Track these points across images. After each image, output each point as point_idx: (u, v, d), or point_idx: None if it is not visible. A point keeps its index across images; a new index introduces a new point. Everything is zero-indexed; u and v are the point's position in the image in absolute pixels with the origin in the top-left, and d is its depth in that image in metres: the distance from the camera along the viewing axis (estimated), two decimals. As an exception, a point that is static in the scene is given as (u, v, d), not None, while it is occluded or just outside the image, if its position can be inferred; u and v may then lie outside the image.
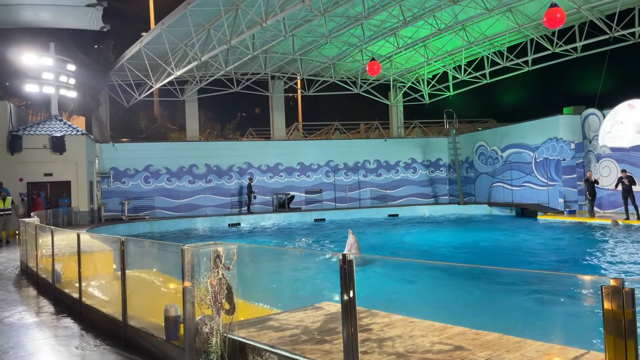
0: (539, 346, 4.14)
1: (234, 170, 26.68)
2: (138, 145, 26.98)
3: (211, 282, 4.62)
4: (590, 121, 21.59)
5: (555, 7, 14.76)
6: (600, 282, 2.55)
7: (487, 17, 22.43)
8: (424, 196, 28.87)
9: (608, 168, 20.57)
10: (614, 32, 20.89)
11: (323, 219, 24.93)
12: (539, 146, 23.30)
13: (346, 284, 3.64)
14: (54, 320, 7.24)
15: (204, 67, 26.59)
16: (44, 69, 21.55)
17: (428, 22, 22.90)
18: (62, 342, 6.10)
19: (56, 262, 8.69)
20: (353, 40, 24.96)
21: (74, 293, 7.76)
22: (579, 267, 11.28)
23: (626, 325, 2.48)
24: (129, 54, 24.83)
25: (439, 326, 4.90)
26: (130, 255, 6.29)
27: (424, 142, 29.63)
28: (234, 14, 19.64)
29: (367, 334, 4.61)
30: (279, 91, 30.94)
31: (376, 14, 21.07)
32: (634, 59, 27.42)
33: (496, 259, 13.35)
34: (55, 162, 20.82)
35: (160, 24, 21.69)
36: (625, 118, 19.97)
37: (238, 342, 4.62)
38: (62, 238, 9.50)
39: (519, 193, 24.51)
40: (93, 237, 10.07)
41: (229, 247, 4.73)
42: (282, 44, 25.12)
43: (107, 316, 6.56)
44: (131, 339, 5.80)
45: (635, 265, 11.12)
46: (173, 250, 5.70)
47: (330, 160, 28.05)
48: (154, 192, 25.51)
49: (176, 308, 5.06)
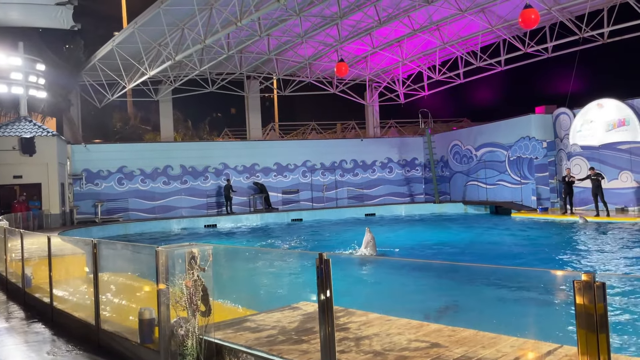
0: (514, 341, 4.19)
1: (209, 171, 26.45)
2: (111, 147, 26.54)
3: (186, 283, 4.56)
4: (562, 120, 22.05)
5: (530, 8, 15.09)
6: (572, 277, 2.58)
7: (460, 18, 22.70)
8: (400, 195, 29.08)
9: (579, 166, 21.03)
10: (584, 33, 21.37)
11: (300, 219, 24.90)
12: (512, 145, 23.69)
13: (323, 283, 3.63)
14: (24, 325, 7.06)
15: (178, 67, 26.28)
16: (13, 68, 21.03)
17: (403, 22, 23.07)
18: (33, 347, 5.95)
19: (26, 266, 8.49)
20: (328, 40, 24.99)
21: (45, 297, 7.59)
22: (551, 262, 11.50)
23: (598, 319, 2.52)
24: (101, 54, 24.39)
25: (416, 324, 4.93)
26: (103, 258, 6.17)
27: (400, 141, 29.85)
28: (209, 13, 19.46)
29: (344, 333, 4.61)
30: (255, 91, 30.79)
31: (351, 14, 21.13)
32: (603, 59, 28.13)
33: (471, 256, 13.52)
34: (25, 164, 20.32)
35: (133, 23, 21.37)
36: (595, 117, 20.44)
37: (214, 344, 4.57)
38: (32, 242, 9.28)
39: (493, 191, 24.88)
40: (64, 240, 9.85)
41: (204, 248, 4.68)
42: (257, 44, 25.00)
43: (79, 320, 6.42)
44: (105, 343, 5.69)
45: (604, 261, 11.39)
46: (147, 252, 5.61)
47: (307, 160, 28.03)
48: (128, 194, 25.12)
49: (151, 311, 4.99)
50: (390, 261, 11.97)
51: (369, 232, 12.86)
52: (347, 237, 17.68)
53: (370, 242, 12.60)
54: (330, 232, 19.90)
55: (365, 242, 12.65)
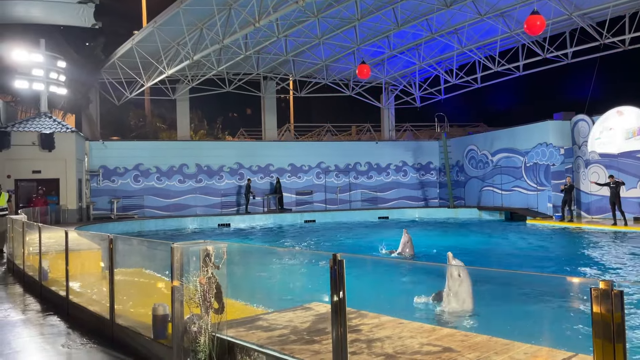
0: (527, 348, 4.15)
1: (224, 171, 26.58)
2: (128, 144, 26.79)
3: (200, 281, 4.59)
4: (580, 127, 21.78)
5: (536, 14, 15.12)
6: (590, 284, 2.55)
7: (479, 22, 22.56)
8: (414, 199, 28.95)
9: (597, 174, 20.75)
10: (604, 39, 21.10)
11: (313, 220, 24.90)
12: (529, 151, 23.46)
13: (336, 284, 3.63)
14: (40, 318, 7.16)
15: (196, 67, 26.49)
16: (34, 65, 21.33)
17: (421, 25, 22.99)
18: (48, 340, 6.03)
19: (43, 260, 8.61)
20: (346, 42, 25.00)
21: (60, 291, 7.69)
22: (567, 270, 11.35)
23: (615, 328, 2.48)
24: (121, 52, 24.68)
25: (428, 327, 4.91)
26: (118, 254, 6.24)
27: (415, 145, 29.72)
28: (227, 14, 19.59)
29: (356, 335, 4.61)
30: (271, 92, 30.89)
31: (369, 16, 21.11)
32: (624, 66, 27.73)
33: (485, 261, 13.40)
34: (43, 160, 20.60)
35: (152, 22, 21.59)
36: (614, 124, 20.16)
37: (226, 342, 4.59)
38: (49, 236, 9.41)
39: (509, 197, 24.65)
40: (81, 234, 9.98)
41: (218, 246, 4.71)
42: (274, 45, 25.09)
43: (94, 314, 6.50)
44: (118, 337, 5.74)
45: (621, 269, 11.22)
46: (162, 248, 5.66)
47: (321, 162, 28.04)
48: (144, 191, 25.34)
49: (164, 307, 5.03)
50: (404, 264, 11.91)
51: (406, 234, 12.97)
52: (367, 239, 17.65)
53: (407, 243, 12.79)
54: (348, 234, 19.87)
55: (403, 243, 12.84)
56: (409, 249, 12.79)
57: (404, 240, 12.87)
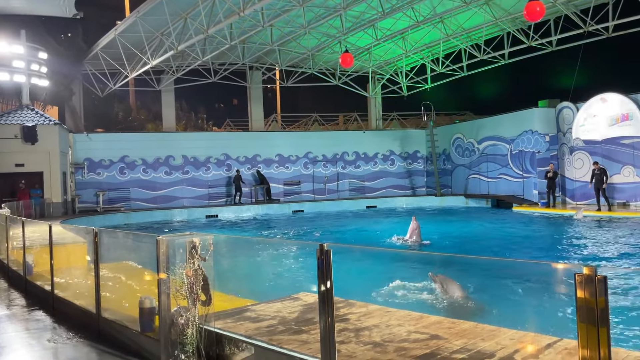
0: (513, 334, 4.19)
1: (211, 162, 26.43)
2: (113, 136, 26.50)
3: (187, 273, 4.56)
4: (565, 114, 21.95)
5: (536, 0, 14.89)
6: (574, 270, 2.57)
7: (465, 10, 22.53)
8: (401, 188, 29.05)
9: (581, 160, 20.97)
10: (588, 27, 21.21)
11: (302, 211, 24.90)
12: (515, 138, 23.61)
13: (323, 274, 3.62)
14: (25, 313, 7.09)
15: (181, 57, 26.18)
16: (15, 56, 20.96)
17: (406, 14, 22.91)
18: (33, 335, 5.97)
19: (27, 254, 8.51)
20: (332, 31, 24.85)
21: (46, 285, 7.61)
22: (552, 256, 11.49)
23: (598, 312, 2.51)
24: (103, 43, 24.30)
25: (416, 315, 4.94)
26: (104, 247, 6.18)
27: (402, 134, 29.77)
28: (211, 3, 19.35)
29: (344, 324, 4.62)
30: (257, 82, 30.68)
31: (355, 5, 20.99)
32: (607, 53, 27.95)
33: (472, 248, 13.53)
34: (27, 153, 20.32)
35: (135, 12, 21.27)
36: (598, 111, 20.35)
37: (214, 334, 4.58)
38: (33, 230, 9.30)
39: (495, 185, 24.83)
40: (65, 228, 9.87)
41: (205, 237, 4.67)
42: (260, 34, 24.87)
43: (80, 308, 6.44)
44: (105, 331, 5.71)
45: (604, 255, 11.38)
46: (148, 241, 5.62)
47: (308, 152, 27.99)
48: (130, 184, 25.12)
49: (151, 300, 5.00)
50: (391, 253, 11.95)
51: (414, 221, 13.28)
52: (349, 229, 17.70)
53: (415, 230, 13.11)
54: (337, 224, 19.93)
55: (411, 229, 13.16)
56: (417, 236, 13.15)
57: (412, 227, 13.22)
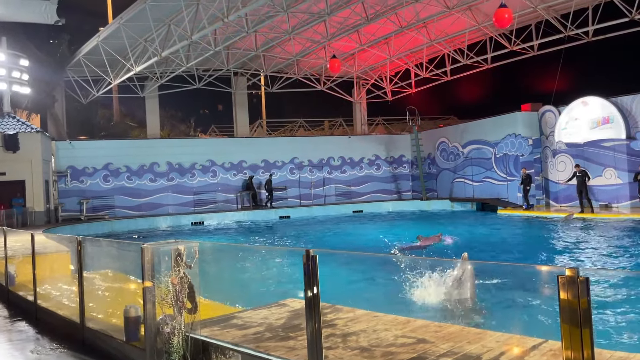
0: (499, 337, 4.23)
1: (196, 168, 26.29)
2: (97, 143, 26.23)
3: (172, 281, 4.53)
4: (547, 118, 22.24)
5: (504, 7, 15.39)
6: (556, 272, 2.60)
7: (447, 16, 22.76)
8: (387, 192, 29.15)
9: (564, 163, 21.25)
10: (569, 32, 21.55)
11: (288, 216, 24.86)
12: (499, 142, 23.86)
13: (310, 280, 3.62)
14: (7, 324, 6.97)
15: (165, 63, 26.06)
16: (-5, 64, 20.69)
17: (390, 19, 23.08)
18: (16, 346, 5.88)
19: (9, 264, 8.38)
20: (316, 37, 24.94)
21: (28, 296, 7.50)
22: (536, 259, 11.60)
23: (581, 314, 2.54)
24: (86, 49, 24.10)
25: (402, 320, 4.95)
26: (88, 256, 6.11)
27: (387, 138, 29.91)
28: (195, 9, 19.30)
29: (331, 330, 4.61)
30: (242, 88, 30.63)
31: (339, 11, 21.09)
32: (588, 57, 28.40)
33: (458, 251, 13.57)
34: (8, 161, 20.03)
35: (118, 19, 21.13)
36: (580, 115, 20.66)
37: (201, 341, 4.55)
38: (15, 239, 9.16)
39: (480, 188, 25.04)
40: (48, 237, 9.74)
41: (190, 245, 4.65)
42: (244, 40, 24.87)
43: (64, 319, 6.35)
44: (90, 341, 5.63)
45: (588, 256, 11.52)
46: (132, 249, 5.57)
47: (294, 157, 27.98)
48: (114, 191, 24.87)
49: (136, 308, 4.95)
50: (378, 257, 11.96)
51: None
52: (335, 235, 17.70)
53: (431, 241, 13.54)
54: (324, 229, 19.91)
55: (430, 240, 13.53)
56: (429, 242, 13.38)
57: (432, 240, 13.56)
